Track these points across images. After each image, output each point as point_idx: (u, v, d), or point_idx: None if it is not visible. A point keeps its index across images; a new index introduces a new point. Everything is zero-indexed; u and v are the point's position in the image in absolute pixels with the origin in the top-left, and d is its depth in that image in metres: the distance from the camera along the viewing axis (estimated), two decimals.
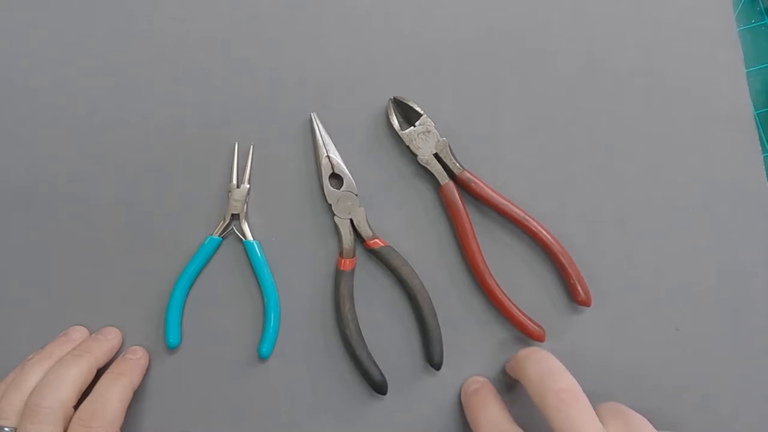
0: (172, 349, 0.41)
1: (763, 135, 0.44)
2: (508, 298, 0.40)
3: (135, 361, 0.39)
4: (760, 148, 0.43)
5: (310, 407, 0.40)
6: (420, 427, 0.40)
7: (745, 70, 0.44)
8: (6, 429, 0.34)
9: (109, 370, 0.38)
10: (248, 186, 0.42)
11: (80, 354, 0.38)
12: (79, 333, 0.40)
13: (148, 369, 0.40)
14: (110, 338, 0.40)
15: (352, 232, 0.41)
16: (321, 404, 0.40)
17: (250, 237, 0.41)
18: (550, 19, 0.44)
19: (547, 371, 0.35)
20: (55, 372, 0.36)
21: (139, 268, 0.42)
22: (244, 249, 0.41)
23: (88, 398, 0.36)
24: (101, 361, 0.39)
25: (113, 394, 0.36)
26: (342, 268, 0.40)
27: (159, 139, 0.43)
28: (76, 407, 0.36)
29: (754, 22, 0.49)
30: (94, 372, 0.38)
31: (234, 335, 0.41)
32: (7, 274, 0.42)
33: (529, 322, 0.40)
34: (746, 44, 0.45)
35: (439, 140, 0.41)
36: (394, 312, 0.41)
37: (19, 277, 0.42)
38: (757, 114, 0.44)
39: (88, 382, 0.37)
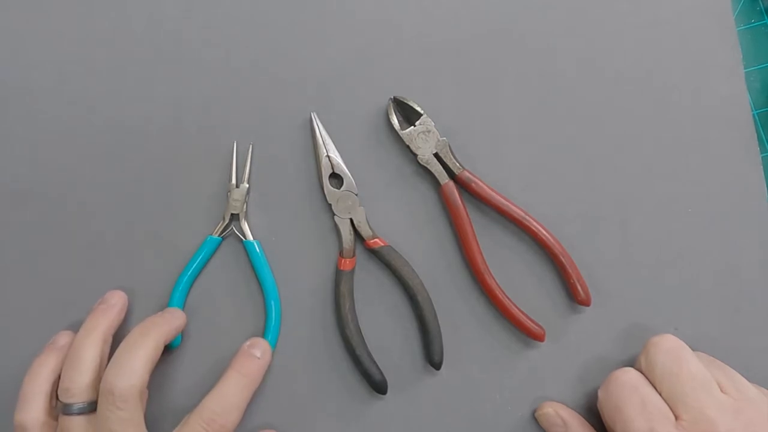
0: (172, 349, 0.41)
1: (762, 135, 0.44)
2: (508, 298, 0.40)
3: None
4: (759, 148, 0.43)
5: (310, 407, 0.40)
6: (420, 427, 0.40)
7: (745, 70, 0.44)
8: (77, 405, 0.35)
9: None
10: (248, 185, 0.42)
11: (147, 332, 0.37)
12: (117, 296, 0.40)
13: None
14: (177, 316, 0.39)
15: (352, 232, 0.41)
16: (321, 404, 0.40)
17: (249, 237, 0.41)
18: (550, 20, 0.44)
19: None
20: (127, 356, 0.35)
21: (139, 268, 0.42)
22: (244, 249, 0.41)
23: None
24: (168, 339, 0.38)
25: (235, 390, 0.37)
26: (342, 268, 0.40)
27: (158, 139, 0.43)
28: None
29: (753, 22, 0.49)
30: (161, 350, 0.37)
31: (234, 335, 0.41)
32: (6, 275, 0.42)
33: (529, 322, 0.40)
34: (746, 44, 0.45)
35: (439, 140, 0.41)
36: (394, 312, 0.41)
37: (19, 277, 0.42)
38: (756, 114, 0.44)
39: (156, 361, 0.37)
